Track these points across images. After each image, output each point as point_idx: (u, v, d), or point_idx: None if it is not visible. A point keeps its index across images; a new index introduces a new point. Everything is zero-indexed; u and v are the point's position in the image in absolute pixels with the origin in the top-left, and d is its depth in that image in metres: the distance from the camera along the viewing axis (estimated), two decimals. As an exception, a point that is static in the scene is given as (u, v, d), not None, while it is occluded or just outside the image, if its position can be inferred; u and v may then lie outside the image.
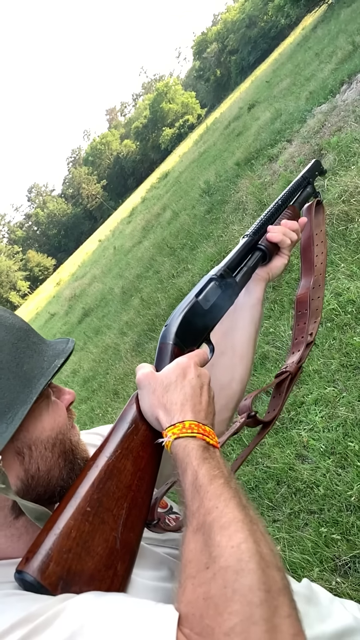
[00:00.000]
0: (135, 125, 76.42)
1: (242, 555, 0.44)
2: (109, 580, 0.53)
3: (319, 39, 12.82)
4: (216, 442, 0.59)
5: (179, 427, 0.58)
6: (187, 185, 11.56)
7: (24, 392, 0.57)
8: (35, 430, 0.59)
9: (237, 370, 0.88)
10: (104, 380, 5.57)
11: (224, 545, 0.46)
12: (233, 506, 0.49)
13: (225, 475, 0.53)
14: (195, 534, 0.49)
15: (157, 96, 70.54)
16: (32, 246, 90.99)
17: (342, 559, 1.69)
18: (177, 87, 72.85)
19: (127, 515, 0.57)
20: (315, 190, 1.06)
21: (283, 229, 0.90)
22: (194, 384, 0.63)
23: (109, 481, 0.58)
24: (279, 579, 0.44)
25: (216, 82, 58.26)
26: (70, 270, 30.80)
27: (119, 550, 0.55)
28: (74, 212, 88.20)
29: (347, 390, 2.28)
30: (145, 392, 0.64)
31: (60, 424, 0.62)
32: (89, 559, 0.52)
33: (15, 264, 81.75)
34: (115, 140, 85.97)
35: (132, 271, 9.07)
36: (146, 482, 0.61)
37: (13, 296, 74.67)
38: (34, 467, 0.59)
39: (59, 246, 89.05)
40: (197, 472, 0.53)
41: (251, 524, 0.48)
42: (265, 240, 0.90)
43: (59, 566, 0.50)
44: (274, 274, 0.92)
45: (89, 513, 0.55)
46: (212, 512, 0.49)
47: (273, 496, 2.10)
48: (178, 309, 0.75)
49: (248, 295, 0.90)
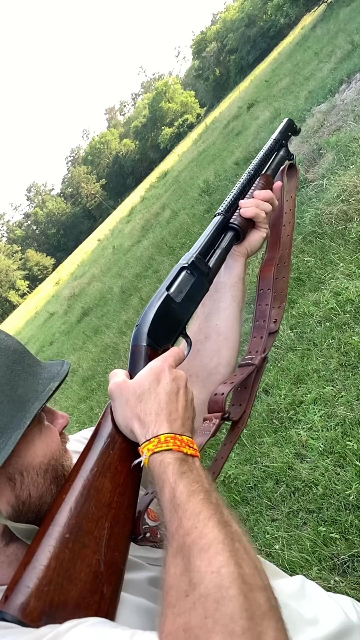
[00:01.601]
0: (134, 124, 76.40)
1: (222, 581, 0.42)
2: (96, 606, 0.51)
3: (318, 38, 12.83)
4: (195, 451, 0.56)
5: (154, 442, 0.55)
6: (187, 184, 11.56)
7: (17, 416, 0.56)
8: (27, 455, 0.58)
9: (222, 353, 0.83)
10: (103, 379, 5.56)
11: (203, 570, 0.43)
12: (212, 525, 0.47)
13: (206, 488, 0.51)
14: (175, 558, 0.47)
15: (156, 95, 70.50)
16: (31, 245, 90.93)
17: (341, 558, 1.69)
18: (177, 87, 72.78)
19: (110, 534, 0.55)
20: (290, 153, 0.99)
21: (255, 201, 0.85)
22: (169, 389, 0.60)
23: (87, 502, 0.55)
24: (264, 602, 0.42)
25: (215, 81, 58.21)
26: (69, 270, 30.78)
27: (104, 573, 0.52)
28: (73, 212, 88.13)
29: (346, 390, 2.29)
30: (118, 404, 0.62)
31: (52, 450, 0.61)
32: (72, 588, 0.50)
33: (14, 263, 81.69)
34: (114, 139, 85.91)
35: (131, 270, 9.07)
36: (127, 497, 0.59)
37: (12, 295, 74.62)
38: (25, 493, 0.57)
39: (58, 245, 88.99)
40: (174, 489, 0.51)
41: (232, 543, 0.45)
42: (238, 217, 0.84)
43: (40, 601, 0.48)
44: (252, 249, 0.88)
45: (68, 540, 0.52)
46: (191, 533, 0.47)
47: (272, 495, 2.11)
48: (149, 306, 0.70)
49: (228, 274, 0.86)
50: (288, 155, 0.99)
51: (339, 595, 0.79)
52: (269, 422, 2.49)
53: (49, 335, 12.35)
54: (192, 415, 0.62)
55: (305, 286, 3.22)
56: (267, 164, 0.95)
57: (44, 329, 14.82)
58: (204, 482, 0.52)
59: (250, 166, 0.92)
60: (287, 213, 0.96)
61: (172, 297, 0.72)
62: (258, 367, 0.81)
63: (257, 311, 0.88)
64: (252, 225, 0.87)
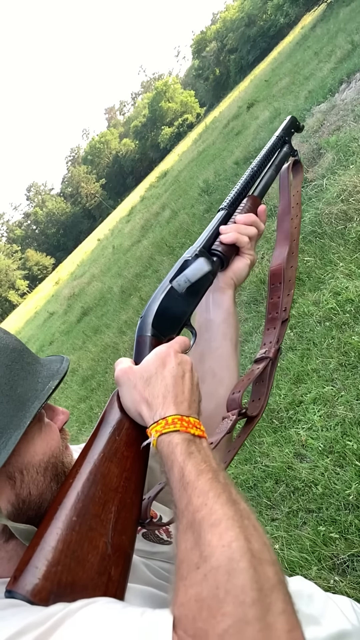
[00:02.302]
0: (134, 124, 76.37)
1: (233, 554, 0.44)
2: (104, 587, 0.52)
3: (318, 38, 12.83)
4: (203, 432, 0.57)
5: (162, 423, 0.56)
6: (186, 184, 11.56)
7: (17, 415, 0.56)
8: (27, 454, 0.58)
9: (220, 393, 0.81)
10: (102, 379, 5.57)
11: (214, 544, 0.45)
12: (222, 502, 0.48)
13: (214, 469, 0.52)
14: (185, 534, 0.48)
15: (156, 95, 70.47)
16: (31, 245, 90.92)
17: (341, 558, 1.69)
18: (176, 86, 72.76)
19: (117, 518, 0.56)
20: (293, 149, 0.99)
21: (237, 226, 0.82)
22: (175, 372, 0.61)
23: (94, 486, 0.56)
24: (272, 575, 0.44)
25: (215, 81, 58.20)
26: (69, 269, 30.76)
27: (112, 555, 0.54)
28: (73, 211, 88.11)
29: (346, 389, 2.29)
30: (125, 389, 0.62)
31: (52, 447, 0.61)
32: (80, 569, 0.51)
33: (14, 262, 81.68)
34: (114, 139, 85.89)
35: (131, 270, 9.06)
36: (134, 482, 0.60)
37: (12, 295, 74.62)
38: (25, 492, 0.57)
39: (57, 245, 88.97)
40: (183, 469, 0.52)
41: (242, 520, 0.47)
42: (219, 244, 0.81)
43: (49, 581, 0.50)
44: (239, 278, 0.83)
45: (76, 522, 0.53)
46: (201, 510, 0.48)
47: (271, 495, 2.11)
48: (153, 298, 0.71)
49: (217, 310, 0.82)
50: (292, 152, 0.98)
51: (338, 596, 0.79)
52: (269, 421, 2.49)
53: (49, 335, 12.34)
54: (199, 399, 0.63)
55: (305, 286, 3.22)
56: (271, 160, 0.95)
57: (43, 328, 14.81)
58: (212, 462, 0.53)
59: (254, 162, 0.91)
60: (294, 207, 0.96)
61: (175, 289, 0.72)
62: (273, 359, 0.80)
63: (270, 305, 0.86)
64: (236, 252, 0.83)
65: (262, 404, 0.79)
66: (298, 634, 0.42)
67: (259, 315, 3.45)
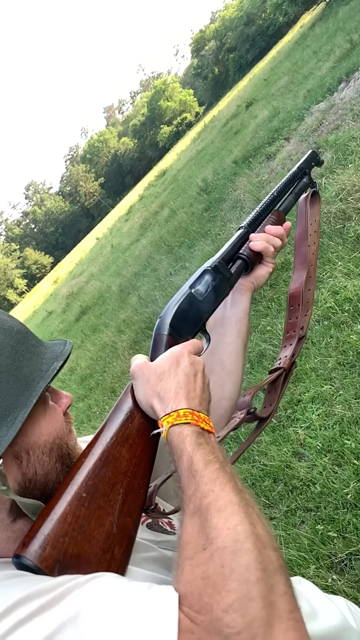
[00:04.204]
0: (133, 123, 76.25)
1: (238, 536, 0.46)
2: (106, 564, 0.54)
3: (317, 37, 12.82)
4: (211, 428, 0.60)
5: (174, 415, 0.59)
6: (185, 183, 11.55)
7: (23, 395, 0.57)
8: (32, 434, 0.59)
9: (226, 387, 0.87)
10: (101, 378, 5.56)
11: (220, 527, 0.47)
12: (229, 489, 0.50)
13: (221, 460, 0.54)
14: (192, 517, 0.50)
15: (155, 94, 70.39)
16: (29, 244, 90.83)
17: (339, 557, 1.69)
18: (175, 85, 72.68)
19: (124, 500, 0.58)
20: (312, 181, 1.05)
21: (266, 236, 0.88)
22: (188, 371, 0.64)
23: (105, 467, 0.59)
24: (275, 559, 0.46)
25: (214, 80, 58.17)
26: (67, 268, 30.74)
27: (116, 535, 0.56)
28: (72, 210, 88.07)
29: (344, 388, 2.29)
30: (139, 382, 0.65)
31: (57, 429, 0.63)
32: (86, 543, 0.53)
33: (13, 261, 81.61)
34: (113, 138, 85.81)
35: (129, 269, 9.06)
36: (142, 468, 0.62)
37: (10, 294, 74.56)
38: (31, 471, 0.59)
39: (56, 244, 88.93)
40: (192, 458, 0.54)
41: (247, 507, 0.49)
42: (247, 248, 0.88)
43: (56, 550, 0.52)
44: (258, 283, 0.90)
45: (85, 498, 0.56)
46: (209, 496, 0.50)
47: (270, 494, 2.11)
48: (173, 300, 0.76)
49: (234, 309, 0.88)
50: (311, 183, 1.05)
51: (334, 596, 0.79)
52: (267, 420, 2.49)
53: (47, 334, 12.32)
54: (209, 399, 0.65)
55: (304, 285, 3.22)
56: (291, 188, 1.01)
57: (42, 327, 14.79)
58: (219, 454, 0.56)
59: (275, 188, 0.98)
60: (311, 235, 1.02)
61: (194, 294, 0.77)
62: (287, 370, 0.86)
63: (288, 325, 0.93)
64: (259, 260, 0.90)
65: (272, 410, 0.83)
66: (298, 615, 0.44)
67: (258, 315, 3.45)
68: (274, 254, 0.89)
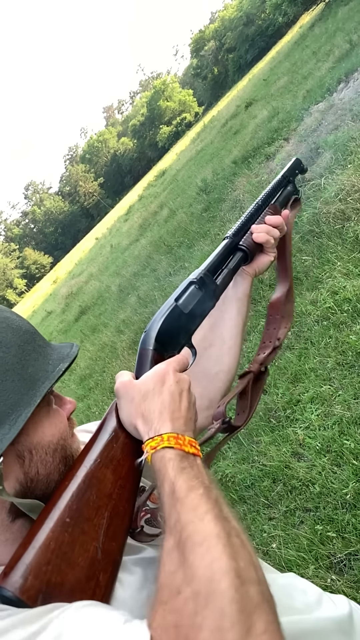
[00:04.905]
0: (132, 123, 76.22)
1: (213, 575, 0.43)
2: (91, 592, 0.52)
3: (317, 37, 12.83)
4: (197, 451, 0.58)
5: (157, 440, 0.57)
6: (184, 183, 11.55)
7: (27, 394, 0.57)
8: (35, 434, 0.59)
9: (224, 361, 0.87)
10: (100, 378, 5.56)
11: (196, 565, 0.44)
12: (209, 519, 0.48)
13: (205, 484, 0.52)
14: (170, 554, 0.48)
15: (154, 94, 70.37)
16: (29, 244, 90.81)
17: (338, 557, 1.69)
18: (175, 85, 72.68)
19: (109, 524, 0.56)
20: (296, 189, 1.05)
21: (267, 227, 0.90)
22: (173, 390, 0.62)
23: (89, 491, 0.57)
24: (256, 595, 0.43)
25: (213, 80, 58.15)
26: (67, 268, 30.73)
27: (101, 561, 0.54)
28: (71, 210, 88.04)
29: (343, 389, 2.29)
30: (123, 402, 0.64)
31: (61, 430, 0.62)
32: (69, 571, 0.51)
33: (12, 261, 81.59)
34: (112, 137, 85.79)
35: (129, 269, 9.06)
36: (127, 490, 0.60)
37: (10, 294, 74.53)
38: (33, 471, 0.59)
39: (55, 244, 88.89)
40: (174, 484, 0.52)
41: (228, 538, 0.46)
42: (248, 240, 0.89)
43: (38, 579, 0.50)
44: (260, 270, 0.92)
45: (69, 524, 0.54)
46: (188, 528, 0.48)
47: (269, 494, 2.11)
48: (157, 314, 0.75)
49: (235, 289, 0.90)
50: (295, 191, 1.05)
51: (334, 595, 0.79)
52: (267, 421, 2.49)
53: (47, 333, 12.31)
54: (195, 418, 0.64)
55: (303, 285, 3.23)
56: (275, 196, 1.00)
57: (41, 327, 14.78)
58: (205, 479, 0.53)
59: (260, 197, 0.97)
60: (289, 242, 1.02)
61: (180, 307, 0.76)
62: (255, 373, 0.85)
63: (265, 335, 0.93)
64: (260, 249, 0.91)
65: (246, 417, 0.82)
66: None
67: (257, 315, 3.45)
68: (274, 244, 0.91)
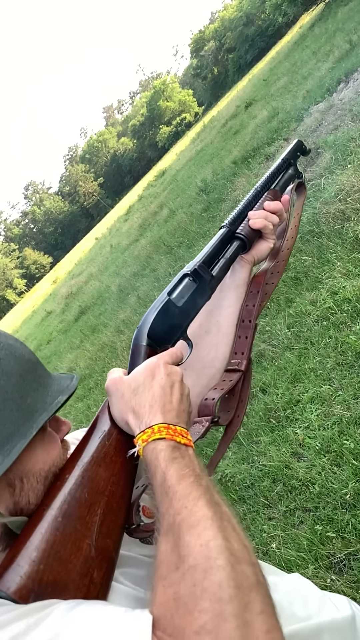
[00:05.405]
0: (132, 123, 76.24)
1: (210, 552, 0.44)
2: (85, 589, 0.52)
3: (316, 37, 12.83)
4: (189, 441, 0.58)
5: (148, 432, 0.57)
6: (184, 183, 11.55)
7: (24, 425, 0.57)
8: (28, 462, 0.58)
9: (220, 348, 0.86)
10: (100, 378, 5.56)
11: (192, 544, 0.45)
12: (202, 504, 0.48)
13: (196, 473, 0.53)
14: (165, 536, 0.48)
15: (154, 94, 70.37)
16: (28, 244, 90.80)
17: (337, 557, 1.69)
18: (175, 85, 72.68)
19: (102, 521, 0.56)
20: (298, 172, 1.01)
21: (265, 213, 0.88)
22: (163, 383, 0.62)
23: (81, 489, 0.57)
24: (251, 574, 0.44)
25: (213, 80, 58.15)
26: (66, 268, 30.72)
27: (94, 558, 0.54)
28: (71, 210, 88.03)
29: (343, 389, 2.29)
30: (114, 398, 0.64)
31: (54, 457, 0.62)
32: (62, 569, 0.51)
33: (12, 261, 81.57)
34: (112, 138, 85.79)
35: (128, 269, 9.06)
36: (121, 486, 0.60)
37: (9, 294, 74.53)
38: (24, 500, 0.58)
39: (55, 244, 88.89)
40: (165, 473, 0.52)
41: (221, 521, 0.47)
42: (246, 227, 0.86)
43: (30, 579, 0.50)
44: (259, 258, 0.90)
45: (60, 523, 0.54)
46: (181, 512, 0.48)
47: (269, 494, 2.11)
48: (150, 309, 0.73)
49: (233, 277, 0.88)
50: (296, 174, 1.01)
51: (334, 595, 0.79)
52: (266, 421, 2.49)
53: (47, 333, 12.32)
54: (188, 409, 0.63)
55: (303, 285, 3.23)
56: (275, 181, 0.97)
57: (41, 327, 14.78)
58: (196, 467, 0.54)
59: (258, 183, 0.94)
60: (291, 229, 0.98)
61: (173, 301, 0.74)
62: (244, 372, 0.83)
63: (244, 311, 0.89)
64: (259, 236, 0.88)
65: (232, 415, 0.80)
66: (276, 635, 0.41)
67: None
68: (273, 230, 0.89)
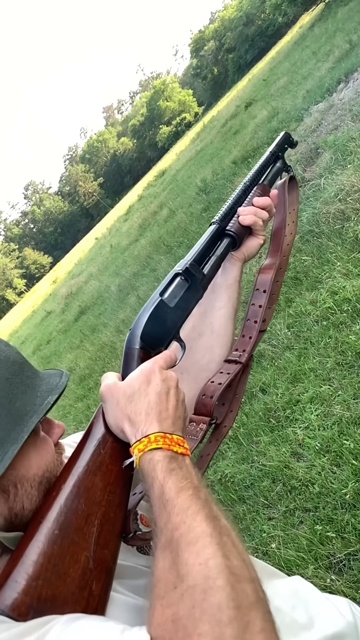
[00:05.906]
0: (132, 122, 76.21)
1: (209, 572, 0.43)
2: (84, 602, 0.51)
3: (316, 37, 12.83)
4: (186, 450, 0.57)
5: (144, 442, 0.56)
6: (184, 183, 11.55)
7: (15, 430, 0.55)
8: (22, 468, 0.57)
9: (215, 350, 0.84)
10: (100, 378, 5.54)
11: (191, 562, 0.44)
12: (201, 519, 0.47)
13: (195, 485, 0.52)
14: (163, 552, 0.47)
15: (154, 94, 70.36)
16: (28, 244, 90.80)
17: (337, 557, 1.69)
18: (174, 85, 72.68)
19: (99, 532, 0.55)
20: (286, 165, 0.99)
21: (254, 209, 0.87)
22: (159, 389, 0.60)
23: (77, 500, 0.56)
24: (251, 592, 0.43)
25: (213, 80, 58.14)
26: (66, 268, 30.72)
27: (93, 570, 0.53)
28: (71, 210, 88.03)
29: (343, 389, 2.29)
30: (109, 405, 0.62)
31: (47, 461, 0.61)
32: (60, 583, 0.50)
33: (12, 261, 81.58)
34: (112, 137, 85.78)
35: (128, 269, 9.06)
36: (118, 495, 0.59)
37: (9, 294, 74.54)
38: (18, 506, 0.57)
39: (55, 244, 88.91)
40: (163, 486, 0.51)
41: (220, 537, 0.46)
42: (236, 223, 0.85)
43: (28, 596, 0.49)
44: (249, 254, 0.89)
45: (57, 536, 0.53)
46: (180, 528, 0.47)
47: (268, 494, 2.11)
48: (142, 311, 0.71)
49: (224, 276, 0.87)
50: (285, 167, 0.99)
51: (336, 597, 0.78)
52: (266, 421, 2.49)
53: (46, 333, 12.32)
54: (184, 415, 0.62)
55: (303, 285, 3.23)
56: (263, 175, 0.95)
57: (41, 327, 14.78)
58: (194, 479, 0.53)
59: (246, 177, 0.92)
60: (289, 225, 0.98)
61: (165, 302, 0.73)
62: (245, 365, 0.82)
63: (250, 311, 0.88)
64: (249, 232, 0.88)
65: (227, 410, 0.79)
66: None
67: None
68: (263, 226, 0.88)
